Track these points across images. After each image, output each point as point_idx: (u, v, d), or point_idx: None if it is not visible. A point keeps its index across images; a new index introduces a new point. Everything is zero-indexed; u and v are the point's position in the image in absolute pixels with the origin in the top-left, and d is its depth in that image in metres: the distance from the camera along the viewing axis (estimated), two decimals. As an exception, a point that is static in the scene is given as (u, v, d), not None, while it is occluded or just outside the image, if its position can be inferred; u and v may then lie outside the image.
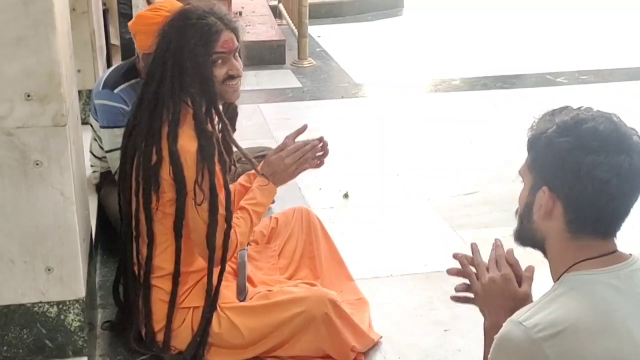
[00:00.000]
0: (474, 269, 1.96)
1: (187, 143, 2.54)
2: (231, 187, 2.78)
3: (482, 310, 1.92)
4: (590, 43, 8.27)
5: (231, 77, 2.65)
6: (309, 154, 2.82)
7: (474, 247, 1.99)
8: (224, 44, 2.61)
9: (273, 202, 3.40)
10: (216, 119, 2.65)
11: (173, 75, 2.55)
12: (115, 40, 5.31)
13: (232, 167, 2.88)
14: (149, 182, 2.57)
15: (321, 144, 2.84)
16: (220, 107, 2.68)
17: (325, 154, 2.87)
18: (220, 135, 2.70)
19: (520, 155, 1.76)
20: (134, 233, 2.68)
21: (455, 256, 2.02)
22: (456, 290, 2.00)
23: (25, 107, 2.29)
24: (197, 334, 2.66)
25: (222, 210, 2.56)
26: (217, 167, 2.57)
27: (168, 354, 2.69)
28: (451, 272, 2.00)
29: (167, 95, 2.56)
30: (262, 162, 2.89)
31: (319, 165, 2.88)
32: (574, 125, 1.61)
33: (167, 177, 2.54)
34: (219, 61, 2.61)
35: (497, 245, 1.95)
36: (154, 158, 2.55)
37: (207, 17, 2.59)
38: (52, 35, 2.26)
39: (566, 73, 7.01)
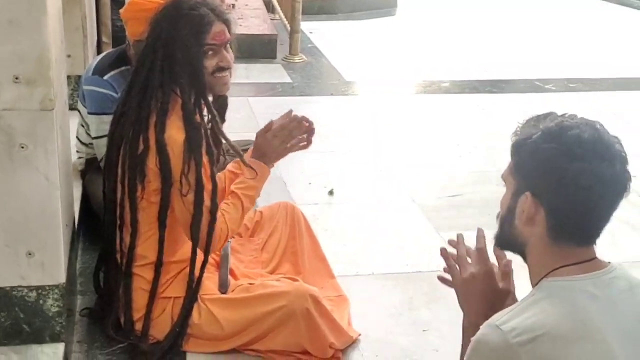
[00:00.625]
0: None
1: (175, 133, 2.54)
2: (220, 174, 2.78)
3: (461, 306, 1.93)
4: (580, 51, 8.31)
5: (221, 69, 2.64)
6: (295, 132, 2.81)
7: (459, 239, 1.99)
8: (216, 36, 2.60)
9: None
10: (205, 110, 2.65)
11: (163, 65, 2.55)
12: (106, 38, 5.27)
13: (222, 157, 2.88)
14: (135, 171, 2.56)
15: (307, 123, 2.83)
16: (210, 99, 2.68)
17: (312, 132, 2.86)
18: (209, 126, 2.69)
19: (506, 159, 1.77)
20: (118, 221, 2.67)
21: (443, 253, 2.02)
22: (439, 279, 2.00)
23: (12, 90, 2.27)
24: (177, 324, 2.66)
25: (207, 202, 2.55)
26: (205, 159, 2.57)
27: (146, 343, 2.69)
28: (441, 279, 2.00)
29: (157, 84, 2.55)
30: (249, 150, 2.88)
31: (307, 146, 2.87)
32: (559, 132, 1.62)
33: (153, 167, 2.54)
34: (210, 52, 2.61)
35: (479, 236, 1.93)
36: (141, 147, 2.55)
37: (199, 7, 2.58)
38: (44, 19, 2.24)
39: (555, 80, 7.04)
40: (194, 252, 2.63)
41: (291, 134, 2.80)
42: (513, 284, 1.96)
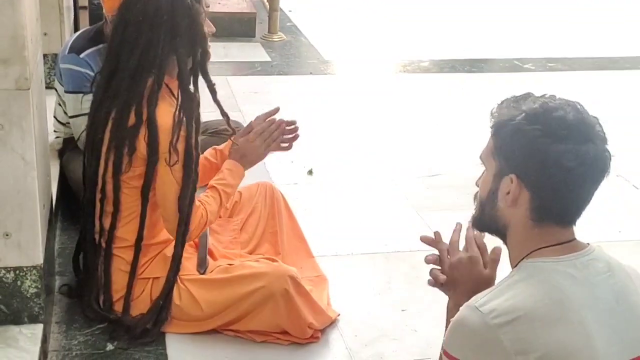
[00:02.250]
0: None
1: (166, 107, 2.53)
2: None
3: (447, 288, 1.94)
4: (559, 31, 8.31)
5: (209, 36, 2.66)
6: (275, 134, 2.83)
7: (457, 227, 2.00)
8: (205, 3, 2.62)
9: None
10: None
11: (165, 39, 2.53)
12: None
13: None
14: (123, 145, 2.53)
15: (292, 127, 2.85)
16: None
17: (295, 137, 2.88)
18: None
19: (486, 139, 1.76)
20: (99, 202, 2.64)
21: (423, 239, 2.02)
22: (426, 261, 2.00)
23: (-13, 69, 2.24)
24: (160, 297, 2.65)
25: (194, 176, 2.57)
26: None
27: (127, 319, 2.68)
28: (429, 260, 2.00)
29: (157, 60, 2.53)
30: (233, 138, 2.88)
31: (287, 149, 2.89)
32: (543, 114, 1.62)
33: (142, 142, 2.51)
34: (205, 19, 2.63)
35: (469, 227, 1.94)
36: (132, 120, 2.52)
37: None
38: (18, -3, 2.21)
39: (534, 60, 7.05)
40: (180, 225, 2.60)
41: (271, 136, 2.82)
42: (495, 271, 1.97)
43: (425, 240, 2.02)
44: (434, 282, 1.98)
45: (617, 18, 9.09)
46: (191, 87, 2.59)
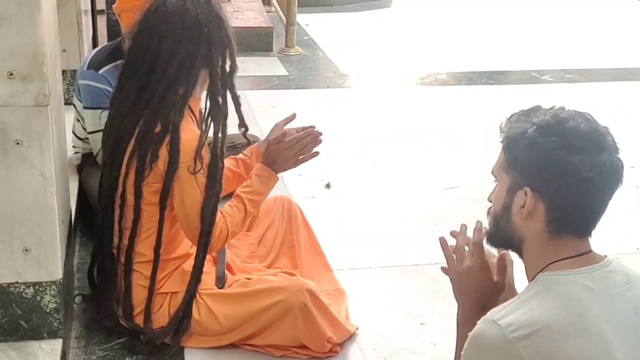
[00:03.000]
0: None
1: (186, 124, 2.56)
2: None
3: (456, 297, 1.93)
4: (577, 42, 8.29)
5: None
6: (309, 146, 2.83)
7: (461, 229, 1.98)
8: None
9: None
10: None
11: (201, 50, 2.55)
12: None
13: None
14: (147, 152, 2.54)
15: (319, 137, 2.85)
16: None
17: (318, 143, 2.87)
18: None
19: (504, 152, 1.75)
20: (120, 204, 2.64)
21: (441, 241, 2.02)
22: (443, 271, 2.00)
23: (6, 86, 2.26)
24: (179, 310, 2.65)
25: (218, 186, 2.58)
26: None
27: (150, 331, 2.68)
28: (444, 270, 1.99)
29: (192, 71, 2.55)
30: (250, 148, 2.89)
31: (313, 156, 2.89)
32: (557, 125, 1.62)
33: (165, 151, 2.53)
34: None
35: (478, 229, 1.93)
36: (159, 128, 2.53)
37: None
38: (37, 14, 2.23)
39: (552, 71, 7.02)
40: (202, 235, 2.60)
41: (306, 148, 2.81)
42: (512, 277, 1.95)
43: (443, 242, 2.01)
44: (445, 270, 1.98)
45: (635, 29, 9.06)
46: (219, 98, 2.60)
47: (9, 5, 2.20)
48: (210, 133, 2.61)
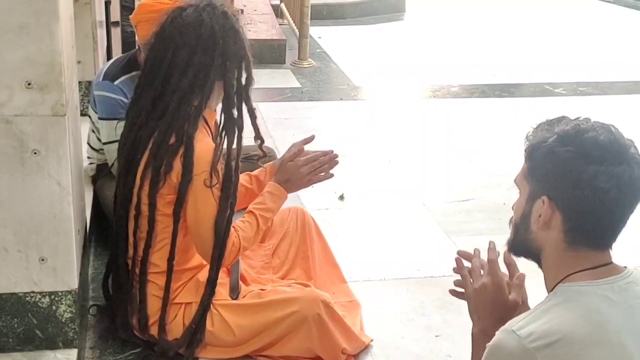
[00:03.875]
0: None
1: (201, 136, 2.56)
2: None
3: (471, 315, 1.92)
4: (590, 55, 8.29)
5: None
6: (325, 166, 2.83)
7: (475, 252, 1.99)
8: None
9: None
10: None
11: (216, 62, 2.54)
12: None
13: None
14: (161, 163, 2.54)
15: (336, 157, 2.85)
16: None
17: (334, 163, 2.88)
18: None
19: (517, 163, 1.76)
20: (135, 215, 2.64)
21: (458, 253, 2.01)
22: (455, 284, 1.99)
23: (25, 95, 2.28)
24: (193, 322, 2.65)
25: (232, 199, 2.58)
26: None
27: (164, 342, 2.67)
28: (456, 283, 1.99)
29: (207, 82, 2.55)
30: (265, 165, 2.89)
31: (326, 178, 2.89)
32: (575, 135, 1.62)
33: (179, 162, 2.53)
34: None
35: (491, 248, 1.93)
36: (173, 140, 2.53)
37: (224, 3, 2.62)
38: (55, 24, 2.25)
39: (565, 84, 7.02)
40: (216, 248, 2.59)
41: (321, 168, 2.82)
42: (525, 294, 1.95)
43: (462, 254, 2.01)
44: (458, 294, 1.98)
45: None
46: (234, 111, 2.60)
47: (28, 15, 2.21)
48: (225, 145, 2.61)
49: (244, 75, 2.64)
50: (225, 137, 2.59)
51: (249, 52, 2.64)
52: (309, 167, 2.82)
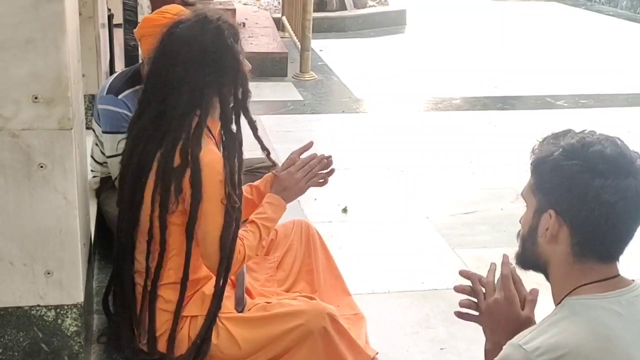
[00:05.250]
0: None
1: (209, 147, 2.54)
2: None
3: (484, 330, 1.92)
4: (591, 67, 8.30)
5: (249, 74, 2.68)
6: (316, 168, 2.83)
7: (492, 267, 1.98)
8: (242, 43, 2.64)
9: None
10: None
11: (210, 78, 2.53)
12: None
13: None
14: (170, 186, 2.53)
15: (327, 161, 2.86)
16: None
17: (330, 173, 2.88)
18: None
19: (520, 176, 1.77)
20: (148, 240, 2.63)
21: (462, 273, 2.00)
22: (460, 305, 1.99)
23: (31, 109, 2.28)
24: (199, 336, 2.64)
25: (237, 213, 2.57)
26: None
27: (168, 355, 2.67)
28: (457, 289, 1.98)
29: (203, 99, 2.54)
30: (266, 176, 2.89)
31: (323, 184, 2.89)
32: (581, 149, 1.62)
33: (188, 183, 2.52)
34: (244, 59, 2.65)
35: (504, 262, 1.91)
36: (178, 161, 2.53)
37: (224, 17, 2.61)
38: (61, 38, 2.26)
39: (566, 96, 7.04)
40: (222, 263, 2.60)
41: (312, 171, 2.83)
42: (533, 311, 1.94)
43: (464, 274, 2.00)
44: (461, 315, 1.96)
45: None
46: (233, 126, 2.60)
47: (34, 30, 2.22)
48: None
49: (240, 90, 2.62)
50: (227, 155, 2.58)
51: (245, 67, 2.63)
52: (301, 172, 2.83)
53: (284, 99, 6.71)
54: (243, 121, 2.66)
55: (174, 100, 2.53)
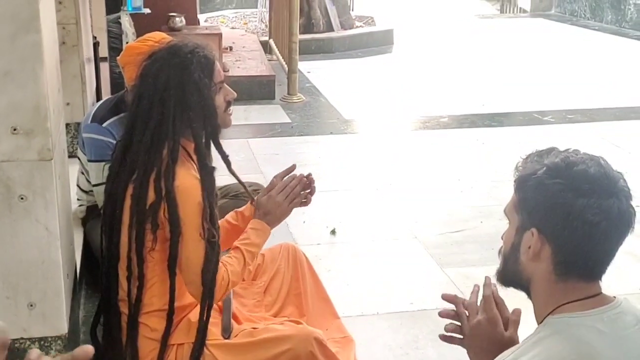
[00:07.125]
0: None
1: (186, 181, 2.52)
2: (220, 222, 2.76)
3: (468, 353, 1.91)
4: (578, 83, 8.33)
5: (229, 104, 2.66)
6: (297, 188, 2.82)
7: (474, 289, 1.98)
8: (219, 73, 2.62)
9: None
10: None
11: (176, 113, 2.52)
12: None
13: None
14: (144, 224, 2.52)
15: (307, 181, 2.84)
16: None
17: (312, 191, 2.87)
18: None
19: (508, 193, 1.76)
20: (127, 276, 2.62)
21: (445, 297, 2.00)
22: (446, 330, 1.98)
23: (11, 141, 2.28)
24: None
25: (217, 245, 2.55)
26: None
27: None
28: (442, 314, 1.98)
29: (169, 133, 2.52)
30: (256, 198, 2.88)
31: (306, 203, 2.88)
32: (565, 168, 1.62)
33: (164, 218, 2.50)
34: (219, 90, 2.62)
35: (486, 284, 1.92)
36: (151, 198, 2.51)
37: (198, 50, 2.58)
38: (40, 69, 2.26)
39: (554, 112, 7.05)
40: (204, 298, 2.58)
41: (293, 191, 2.82)
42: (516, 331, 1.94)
43: (447, 298, 2.00)
44: (446, 338, 1.96)
45: (636, 68, 9.11)
46: (208, 162, 2.58)
47: (12, 62, 2.23)
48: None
49: (209, 124, 2.59)
50: (204, 189, 2.53)
51: (214, 101, 2.58)
52: (283, 194, 2.82)
53: (272, 122, 6.71)
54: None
55: (139, 134, 2.51)
